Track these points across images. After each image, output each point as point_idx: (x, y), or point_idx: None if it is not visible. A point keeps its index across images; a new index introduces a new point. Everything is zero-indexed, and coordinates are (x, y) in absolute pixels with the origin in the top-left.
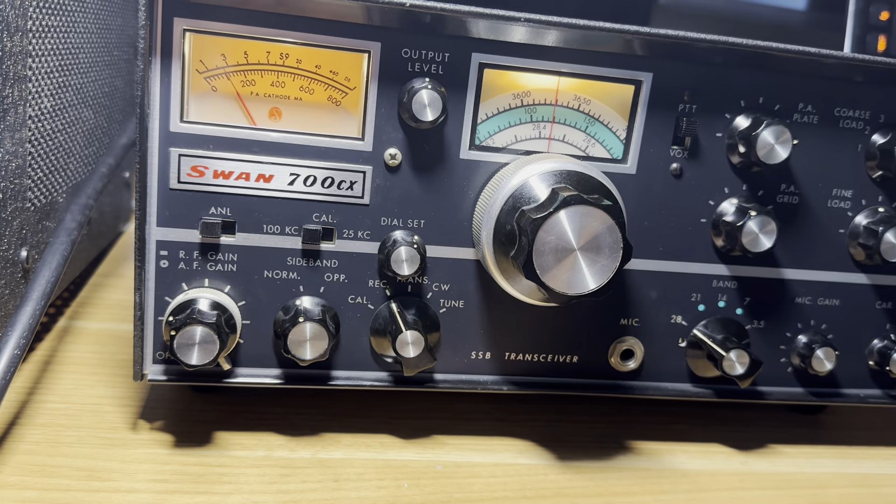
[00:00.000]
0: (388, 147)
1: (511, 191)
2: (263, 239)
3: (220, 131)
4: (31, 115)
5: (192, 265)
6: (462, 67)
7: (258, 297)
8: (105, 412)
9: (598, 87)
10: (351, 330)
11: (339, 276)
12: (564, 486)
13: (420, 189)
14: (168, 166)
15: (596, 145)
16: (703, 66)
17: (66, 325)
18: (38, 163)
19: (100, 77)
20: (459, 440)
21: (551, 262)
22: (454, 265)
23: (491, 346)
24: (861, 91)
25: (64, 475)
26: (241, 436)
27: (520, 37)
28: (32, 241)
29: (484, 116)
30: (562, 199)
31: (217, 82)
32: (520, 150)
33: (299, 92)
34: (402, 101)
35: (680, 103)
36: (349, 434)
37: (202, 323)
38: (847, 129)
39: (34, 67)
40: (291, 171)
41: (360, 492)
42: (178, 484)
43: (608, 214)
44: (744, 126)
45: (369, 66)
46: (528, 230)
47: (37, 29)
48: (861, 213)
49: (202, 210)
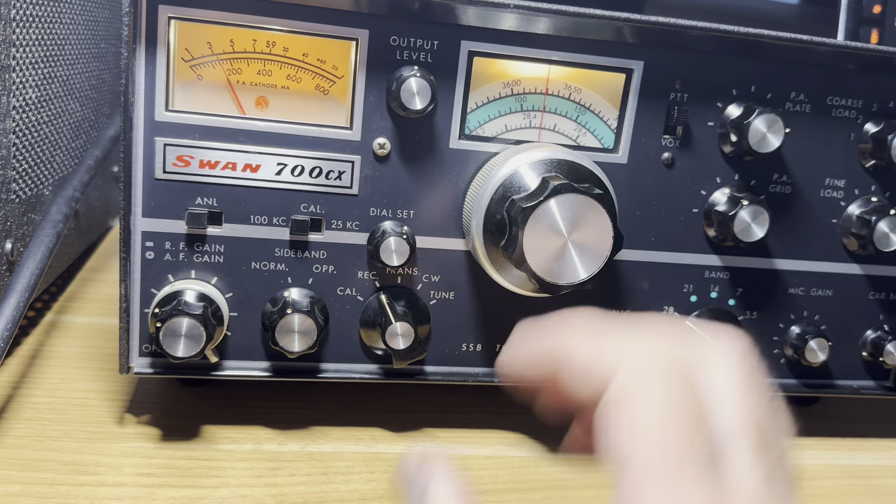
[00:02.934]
0: (376, 136)
1: (501, 180)
2: (251, 230)
3: (206, 120)
4: (16, 106)
5: (179, 256)
6: (451, 55)
7: (246, 289)
8: (91, 406)
9: (588, 75)
10: (340, 322)
11: (328, 267)
12: (555, 479)
13: (409, 179)
14: (153, 156)
15: (587, 135)
16: (695, 54)
17: (54, 319)
18: (22, 154)
19: (87, 69)
20: (450, 433)
21: (542, 252)
22: (444, 256)
23: (482, 337)
24: (853, 80)
25: (49, 469)
26: (229, 429)
27: (510, 24)
28: (17, 234)
29: (474, 105)
30: (552, 188)
31: (203, 71)
32: (510, 140)
33: (286, 80)
34: (390, 89)
35: (671, 92)
36: (338, 427)
37: (188, 315)
38: (839, 118)
39: (18, 57)
40: (279, 161)
41: (350, 485)
42: (165, 478)
43: (599, 203)
44: (736, 115)
45: (357, 53)
46: (519, 219)
47: (21, 18)
48: (854, 203)
49: (188, 200)
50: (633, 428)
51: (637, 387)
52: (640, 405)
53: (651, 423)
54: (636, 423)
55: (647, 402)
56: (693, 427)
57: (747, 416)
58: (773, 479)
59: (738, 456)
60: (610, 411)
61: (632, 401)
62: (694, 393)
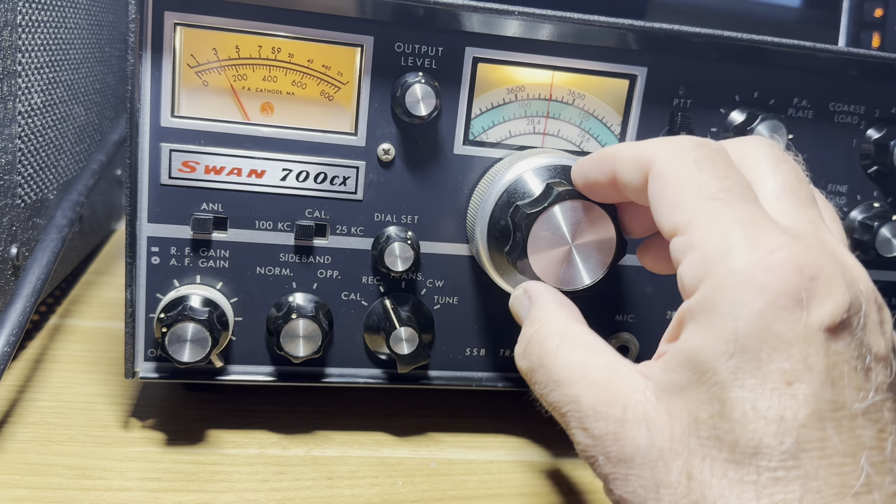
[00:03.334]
0: (381, 142)
1: (505, 186)
2: (256, 235)
3: (212, 126)
4: (21, 111)
5: (184, 261)
6: (456, 62)
7: (250, 294)
8: (96, 410)
9: (592, 81)
10: (344, 327)
11: (333, 272)
12: (560, 483)
13: (414, 184)
14: (159, 162)
15: (590, 140)
16: (698, 60)
17: (58, 323)
18: (28, 159)
19: (91, 73)
20: (454, 437)
21: (546, 258)
22: (448, 261)
23: (485, 342)
24: (856, 86)
25: (55, 473)
26: (234, 434)
27: (514, 31)
28: (22, 238)
29: (478, 111)
30: (556, 194)
31: (208, 77)
32: (514, 146)
33: (291, 86)
34: (395, 95)
35: (675, 98)
36: (343, 432)
37: (194, 320)
38: (842, 124)
39: (24, 62)
40: (284, 167)
41: (355, 489)
42: (171, 482)
43: (603, 209)
44: (739, 121)
45: (362, 60)
46: (523, 225)
47: (26, 24)
48: (856, 209)
49: (194, 206)
50: (677, 180)
51: (670, 157)
52: (678, 162)
53: (688, 165)
54: (678, 175)
55: (680, 159)
56: (725, 169)
57: (782, 179)
58: (817, 224)
59: (782, 202)
60: (654, 185)
61: (666, 167)
62: (727, 157)
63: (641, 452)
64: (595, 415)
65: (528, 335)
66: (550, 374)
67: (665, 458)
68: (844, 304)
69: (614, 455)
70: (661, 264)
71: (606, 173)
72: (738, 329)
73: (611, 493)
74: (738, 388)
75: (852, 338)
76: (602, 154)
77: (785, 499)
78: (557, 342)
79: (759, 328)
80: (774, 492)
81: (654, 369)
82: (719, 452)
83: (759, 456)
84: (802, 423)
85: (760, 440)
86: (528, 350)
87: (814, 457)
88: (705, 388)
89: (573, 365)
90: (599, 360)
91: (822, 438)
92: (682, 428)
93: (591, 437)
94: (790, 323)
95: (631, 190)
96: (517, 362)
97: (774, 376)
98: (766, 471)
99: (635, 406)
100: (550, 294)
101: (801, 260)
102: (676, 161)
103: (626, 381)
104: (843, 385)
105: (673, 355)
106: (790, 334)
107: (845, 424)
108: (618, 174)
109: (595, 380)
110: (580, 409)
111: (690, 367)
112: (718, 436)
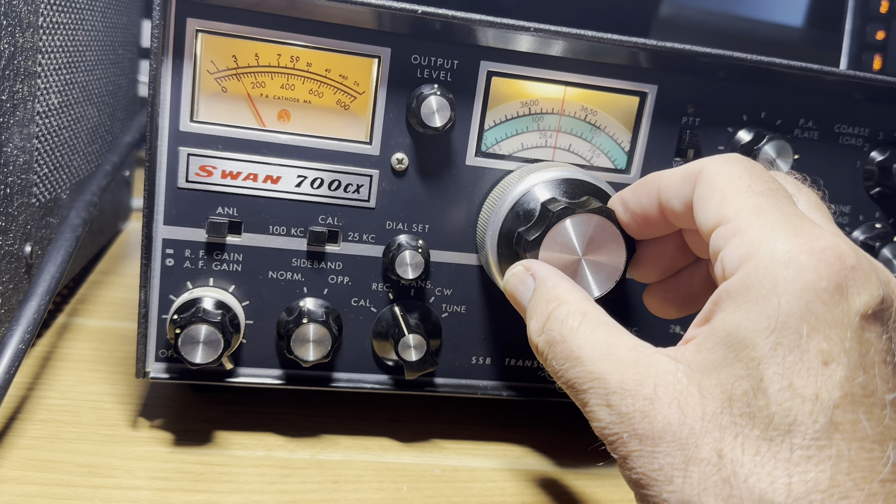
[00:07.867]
0: (395, 152)
1: (516, 198)
2: (269, 240)
3: (230, 132)
4: (39, 111)
5: (198, 264)
6: (470, 75)
7: (262, 298)
8: (105, 409)
9: (603, 97)
10: (353, 332)
11: (343, 278)
12: (562, 492)
13: (426, 194)
14: (176, 165)
15: (600, 155)
16: (708, 79)
17: (66, 321)
18: (43, 159)
19: (104, 75)
20: (458, 444)
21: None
22: (457, 270)
23: (492, 351)
24: (860, 108)
25: (65, 471)
26: (241, 435)
27: (528, 46)
28: (36, 237)
29: (491, 123)
30: (554, 214)
31: (227, 83)
32: (525, 158)
33: (308, 95)
34: (410, 106)
35: (684, 116)
36: (349, 436)
37: (207, 322)
38: (846, 146)
39: (43, 64)
40: (299, 173)
41: (360, 493)
42: (179, 482)
43: (613, 223)
44: (746, 140)
45: (379, 71)
46: (528, 250)
47: (47, 25)
48: (859, 229)
49: (209, 209)
50: (726, 181)
51: (721, 164)
52: (728, 168)
53: (738, 169)
54: (728, 177)
55: (730, 165)
56: (771, 177)
57: (809, 198)
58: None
59: (813, 214)
60: (703, 186)
61: (717, 171)
62: (769, 173)
63: (672, 430)
64: (622, 392)
65: (547, 312)
66: (572, 350)
67: (696, 436)
68: (878, 296)
69: (641, 431)
70: (666, 307)
71: (650, 193)
72: (781, 305)
73: (631, 470)
74: (776, 365)
75: (884, 329)
76: (644, 178)
77: (816, 478)
78: (580, 320)
79: (801, 306)
80: (806, 469)
81: (684, 352)
82: (752, 430)
83: (792, 433)
84: (836, 403)
85: (795, 417)
86: (547, 326)
87: (846, 438)
88: (742, 364)
89: (597, 343)
90: (625, 341)
91: (854, 421)
92: (714, 405)
93: (618, 413)
94: (830, 305)
95: (676, 204)
96: (532, 339)
97: (812, 355)
98: (798, 448)
99: (666, 385)
100: (560, 274)
101: (842, 250)
102: (726, 167)
103: (655, 361)
104: (874, 373)
105: (709, 335)
106: (829, 316)
107: (875, 412)
108: (662, 190)
109: (622, 358)
110: (606, 386)
111: (727, 344)
112: (752, 413)
